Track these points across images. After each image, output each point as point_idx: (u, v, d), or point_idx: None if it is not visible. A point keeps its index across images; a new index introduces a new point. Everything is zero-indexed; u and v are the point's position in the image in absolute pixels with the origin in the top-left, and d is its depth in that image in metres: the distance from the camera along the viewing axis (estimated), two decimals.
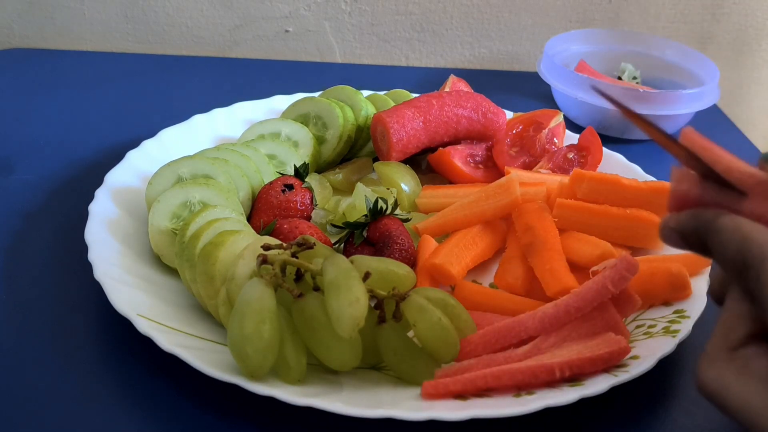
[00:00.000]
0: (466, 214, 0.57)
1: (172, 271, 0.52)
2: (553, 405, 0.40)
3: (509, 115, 0.72)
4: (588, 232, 0.55)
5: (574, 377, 0.42)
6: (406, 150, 0.64)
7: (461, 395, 0.42)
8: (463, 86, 0.75)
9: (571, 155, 0.67)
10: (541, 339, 0.44)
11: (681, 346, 0.45)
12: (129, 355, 0.47)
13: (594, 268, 0.47)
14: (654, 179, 0.63)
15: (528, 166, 0.66)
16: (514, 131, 0.68)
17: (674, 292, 0.49)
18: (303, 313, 0.42)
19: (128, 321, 0.45)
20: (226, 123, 0.70)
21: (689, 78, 0.84)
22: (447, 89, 0.73)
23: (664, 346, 0.44)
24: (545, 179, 0.60)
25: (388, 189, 0.61)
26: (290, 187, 0.57)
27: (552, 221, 0.55)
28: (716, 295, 0.37)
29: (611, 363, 0.42)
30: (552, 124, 0.68)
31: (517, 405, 0.40)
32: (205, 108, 0.70)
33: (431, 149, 0.66)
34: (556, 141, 0.68)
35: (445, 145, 0.66)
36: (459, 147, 0.66)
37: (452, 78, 0.75)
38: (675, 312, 0.48)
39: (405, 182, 0.62)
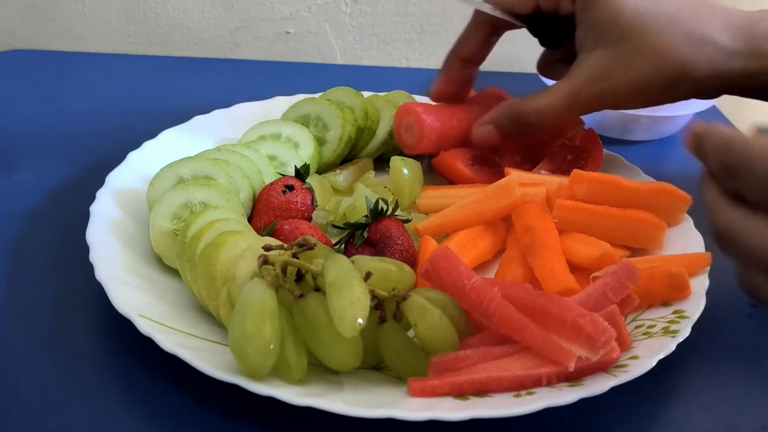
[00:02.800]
0: (466, 215, 0.57)
1: (173, 271, 0.52)
2: (553, 405, 0.40)
3: None
4: (588, 233, 0.55)
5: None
6: (438, 141, 0.65)
7: (460, 395, 0.42)
8: None
9: (570, 157, 0.67)
10: None
11: (680, 346, 0.45)
12: (130, 356, 0.47)
13: (594, 274, 0.48)
14: (653, 180, 0.63)
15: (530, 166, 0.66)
16: None
17: (673, 292, 0.49)
18: (304, 313, 0.43)
19: (129, 321, 0.45)
20: (227, 124, 0.70)
21: None
22: None
23: (664, 346, 0.44)
24: (545, 180, 0.61)
25: (385, 187, 0.62)
26: (291, 188, 0.57)
27: (552, 222, 0.55)
28: None
29: (601, 370, 0.43)
30: (571, 134, 0.67)
31: (517, 405, 0.40)
32: (205, 109, 0.71)
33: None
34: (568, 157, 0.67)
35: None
36: (461, 149, 0.66)
37: None
38: (674, 312, 0.48)
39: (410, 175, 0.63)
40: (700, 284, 0.50)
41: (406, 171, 0.62)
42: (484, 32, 0.63)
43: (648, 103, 0.56)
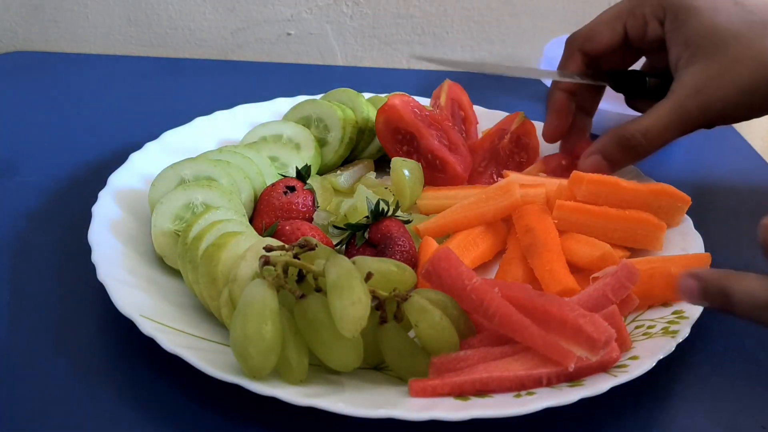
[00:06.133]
0: (466, 215, 0.57)
1: (174, 272, 0.53)
2: (554, 405, 0.40)
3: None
4: (588, 234, 0.55)
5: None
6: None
7: (461, 395, 0.42)
8: (458, 90, 0.75)
9: (564, 162, 0.67)
10: None
11: (680, 346, 0.45)
12: (132, 356, 0.47)
13: (594, 275, 0.48)
14: (653, 181, 0.63)
15: (499, 176, 0.67)
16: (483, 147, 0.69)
17: (673, 292, 0.49)
18: (305, 313, 0.43)
19: (131, 322, 0.45)
20: (228, 125, 0.70)
21: None
22: (443, 94, 0.73)
23: (664, 346, 0.45)
24: (544, 182, 0.61)
25: (386, 188, 0.62)
26: (292, 188, 0.57)
27: (552, 223, 0.55)
28: None
29: (601, 370, 0.43)
30: (513, 126, 0.68)
31: (518, 405, 0.41)
32: (207, 110, 0.71)
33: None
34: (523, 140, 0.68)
35: None
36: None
37: (447, 82, 0.75)
38: (674, 313, 0.49)
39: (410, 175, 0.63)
40: None
41: (406, 172, 0.62)
42: (565, 103, 0.62)
43: (755, 111, 0.55)
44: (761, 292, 0.37)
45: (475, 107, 0.75)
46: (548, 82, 0.80)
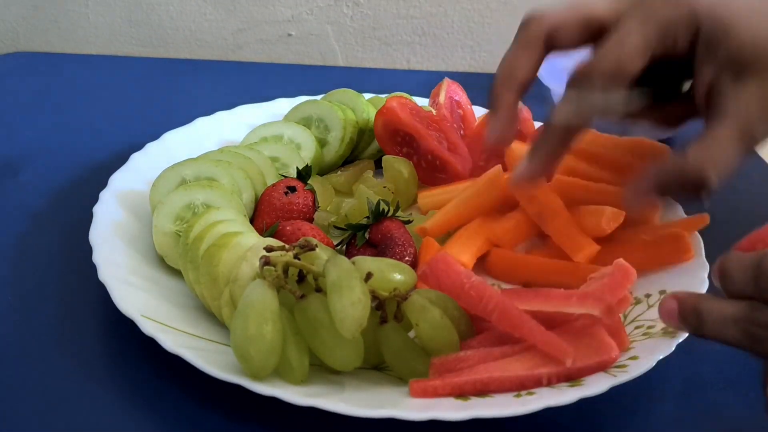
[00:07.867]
0: (465, 210, 0.57)
1: (176, 272, 0.53)
2: (553, 405, 0.41)
3: None
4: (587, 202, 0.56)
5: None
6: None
7: (461, 395, 0.42)
8: (457, 89, 0.75)
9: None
10: None
11: (680, 346, 0.45)
12: (133, 356, 0.47)
13: (591, 275, 0.48)
14: None
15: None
16: None
17: (677, 254, 0.52)
18: (305, 314, 0.43)
19: (132, 322, 0.45)
20: (229, 126, 0.70)
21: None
22: (442, 93, 0.73)
23: (663, 346, 0.45)
24: None
25: (384, 187, 0.62)
26: (293, 189, 0.58)
27: (549, 188, 0.56)
28: None
29: (599, 370, 0.43)
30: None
31: (518, 405, 0.41)
32: (208, 111, 0.71)
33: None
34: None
35: None
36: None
37: (446, 81, 0.75)
38: None
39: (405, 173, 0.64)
40: (699, 286, 0.51)
41: (399, 168, 0.63)
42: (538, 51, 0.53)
43: None
44: (729, 307, 0.39)
45: (475, 107, 0.75)
46: (549, 83, 0.80)
